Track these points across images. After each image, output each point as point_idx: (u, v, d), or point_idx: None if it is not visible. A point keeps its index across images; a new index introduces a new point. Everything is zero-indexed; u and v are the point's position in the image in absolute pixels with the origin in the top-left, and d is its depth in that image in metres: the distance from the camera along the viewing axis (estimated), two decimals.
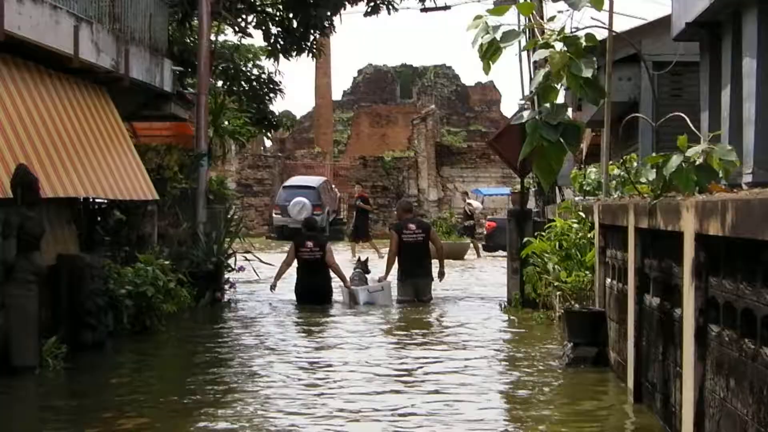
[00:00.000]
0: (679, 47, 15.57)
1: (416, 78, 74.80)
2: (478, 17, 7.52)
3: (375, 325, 16.31)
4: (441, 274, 19.94)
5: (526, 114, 8.11)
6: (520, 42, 13.91)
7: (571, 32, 7.41)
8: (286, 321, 16.77)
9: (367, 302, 18.79)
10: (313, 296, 18.80)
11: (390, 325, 16.48)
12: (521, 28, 8.00)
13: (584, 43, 7.42)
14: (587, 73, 7.37)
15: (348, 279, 19.21)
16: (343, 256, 29.49)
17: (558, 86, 7.73)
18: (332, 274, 19.26)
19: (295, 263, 19.25)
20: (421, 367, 12.21)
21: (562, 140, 7.60)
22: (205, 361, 12.94)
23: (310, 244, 19.10)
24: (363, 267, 19.84)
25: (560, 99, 8.06)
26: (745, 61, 11.11)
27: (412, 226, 19.81)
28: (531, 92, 7.69)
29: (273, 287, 19.39)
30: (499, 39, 7.38)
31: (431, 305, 19.17)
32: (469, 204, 39.19)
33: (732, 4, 11.74)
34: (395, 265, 19.83)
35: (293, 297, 19.24)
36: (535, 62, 20.42)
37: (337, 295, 19.33)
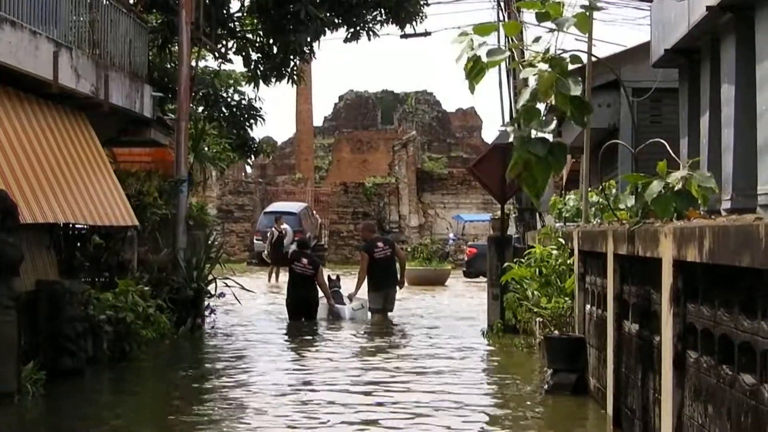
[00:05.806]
0: (658, 74, 15.66)
1: (397, 104, 74.89)
2: (464, 34, 7.48)
3: (354, 349, 16.31)
4: (401, 283, 21.83)
5: (510, 132, 8.07)
6: (500, 65, 13.89)
7: (556, 54, 7.38)
8: (267, 346, 16.71)
9: (349, 318, 20.84)
10: (303, 307, 20.72)
11: (367, 350, 16.45)
12: (505, 47, 7.93)
13: (569, 64, 7.40)
14: (576, 91, 7.34)
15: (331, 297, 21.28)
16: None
17: (540, 108, 7.70)
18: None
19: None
20: (399, 393, 12.17)
21: (549, 156, 7.54)
22: (184, 388, 12.88)
23: (304, 260, 21.14)
24: (337, 284, 21.97)
25: None
26: (724, 88, 11.16)
27: (381, 244, 21.49)
28: (518, 110, 7.61)
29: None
30: (484, 56, 7.33)
31: (413, 329, 19.46)
32: (284, 228, 38.40)
33: (710, 31, 11.81)
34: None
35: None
36: (516, 85, 20.50)
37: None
